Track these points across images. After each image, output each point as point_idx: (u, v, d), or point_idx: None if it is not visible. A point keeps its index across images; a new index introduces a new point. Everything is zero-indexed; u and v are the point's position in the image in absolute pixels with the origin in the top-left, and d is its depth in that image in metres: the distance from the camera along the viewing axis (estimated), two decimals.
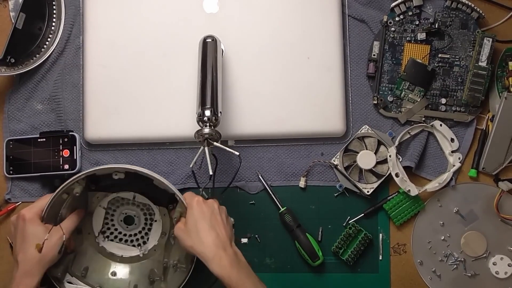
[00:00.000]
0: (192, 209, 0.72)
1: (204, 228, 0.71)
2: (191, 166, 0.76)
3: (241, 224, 0.89)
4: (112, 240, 0.87)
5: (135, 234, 0.88)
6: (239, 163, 0.82)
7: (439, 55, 0.89)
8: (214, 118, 0.74)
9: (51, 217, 0.79)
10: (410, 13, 0.89)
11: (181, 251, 0.82)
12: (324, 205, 0.89)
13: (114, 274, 0.84)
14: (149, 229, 0.88)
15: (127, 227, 0.88)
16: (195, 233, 0.71)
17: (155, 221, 0.87)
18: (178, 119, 0.87)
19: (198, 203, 0.73)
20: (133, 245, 0.87)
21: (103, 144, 0.89)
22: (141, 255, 0.87)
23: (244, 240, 0.88)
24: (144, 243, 0.87)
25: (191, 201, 0.73)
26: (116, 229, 0.88)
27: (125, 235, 0.88)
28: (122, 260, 0.86)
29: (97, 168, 0.78)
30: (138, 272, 0.83)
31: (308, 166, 0.89)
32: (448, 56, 0.89)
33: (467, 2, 0.87)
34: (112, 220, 0.88)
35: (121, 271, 0.85)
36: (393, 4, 0.89)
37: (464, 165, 0.89)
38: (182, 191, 0.84)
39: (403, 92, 0.89)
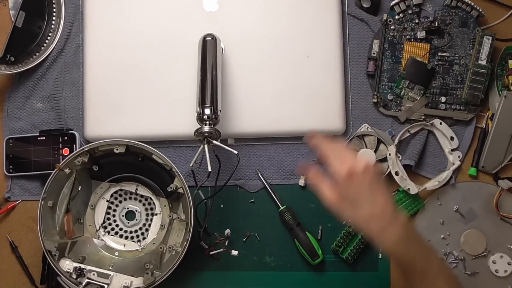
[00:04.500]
0: (346, 184, 0.63)
1: (363, 206, 0.62)
2: (191, 165, 0.76)
3: (240, 222, 0.89)
4: (112, 235, 0.88)
5: (136, 231, 0.88)
6: (237, 162, 0.82)
7: (439, 54, 0.89)
8: (213, 116, 0.74)
9: (52, 193, 0.82)
10: (409, 12, 0.89)
11: (177, 237, 0.83)
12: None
13: (111, 267, 0.84)
14: (149, 225, 0.88)
15: (128, 223, 0.88)
16: (353, 211, 0.63)
17: (156, 214, 0.88)
18: (178, 117, 0.87)
19: (351, 177, 0.62)
20: (133, 241, 0.88)
21: None
22: (139, 250, 0.87)
23: (234, 253, 0.86)
24: (144, 238, 0.88)
25: (342, 173, 0.63)
26: (117, 225, 0.89)
27: (125, 231, 0.88)
28: (120, 254, 0.87)
29: (99, 142, 0.81)
30: (136, 265, 0.84)
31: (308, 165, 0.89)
32: (448, 54, 0.89)
33: (467, 0, 0.87)
34: (114, 215, 0.89)
35: (118, 264, 0.86)
36: (393, 2, 0.89)
37: (464, 164, 0.89)
38: None
39: (403, 91, 0.89)
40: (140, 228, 0.88)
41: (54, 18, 0.91)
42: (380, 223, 0.62)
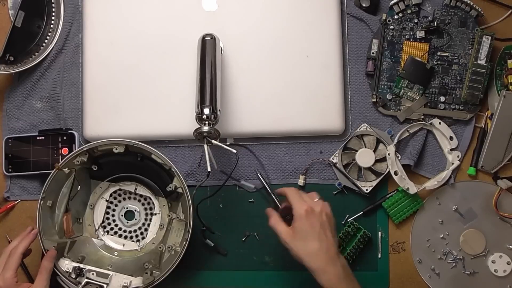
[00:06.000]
0: (302, 220, 0.72)
1: (313, 241, 0.71)
2: (209, 169, 0.74)
3: (240, 222, 0.89)
4: (111, 235, 0.88)
5: (135, 230, 0.88)
6: (236, 161, 0.82)
7: (438, 53, 0.89)
8: (213, 116, 0.74)
9: (51, 193, 0.82)
10: (409, 11, 0.89)
11: (177, 237, 0.83)
12: None
13: (110, 266, 0.84)
14: (149, 224, 0.88)
15: (127, 223, 0.89)
16: (303, 244, 0.71)
17: (155, 214, 0.88)
18: (177, 117, 0.87)
19: (308, 215, 0.72)
20: (132, 241, 0.88)
21: None
22: (138, 249, 0.87)
23: (209, 243, 0.86)
24: (143, 238, 0.88)
25: (300, 211, 0.72)
26: (116, 225, 0.89)
27: (125, 231, 0.88)
28: (119, 253, 0.87)
29: (98, 141, 0.81)
30: (135, 265, 0.84)
31: (307, 164, 0.89)
32: (447, 54, 0.89)
33: (466, 0, 0.87)
34: (113, 215, 0.89)
35: (118, 264, 0.86)
36: (392, 2, 0.89)
37: (463, 163, 0.89)
38: None
39: (402, 90, 0.89)
40: (139, 228, 0.88)
41: (53, 17, 0.91)
42: (324, 260, 0.70)
